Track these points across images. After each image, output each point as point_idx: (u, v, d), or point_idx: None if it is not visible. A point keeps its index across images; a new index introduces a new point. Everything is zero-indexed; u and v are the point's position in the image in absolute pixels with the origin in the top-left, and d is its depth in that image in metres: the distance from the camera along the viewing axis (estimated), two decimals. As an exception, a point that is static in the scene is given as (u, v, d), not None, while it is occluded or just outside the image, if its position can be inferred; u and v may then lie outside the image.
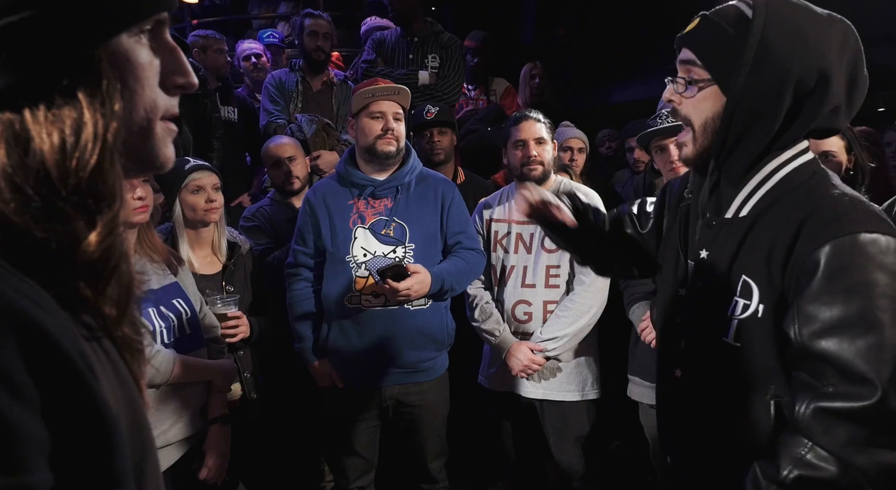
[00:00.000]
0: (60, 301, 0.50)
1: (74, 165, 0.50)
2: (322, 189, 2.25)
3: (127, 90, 0.55)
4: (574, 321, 2.25)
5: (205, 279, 2.10)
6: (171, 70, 0.60)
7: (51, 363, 0.44)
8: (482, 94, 4.20)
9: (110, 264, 0.53)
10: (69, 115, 0.50)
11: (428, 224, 2.20)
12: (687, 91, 1.11)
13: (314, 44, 3.43)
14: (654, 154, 2.32)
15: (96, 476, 0.47)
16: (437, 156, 2.86)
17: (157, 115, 0.59)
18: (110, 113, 0.52)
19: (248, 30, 5.63)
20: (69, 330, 0.48)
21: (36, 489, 0.43)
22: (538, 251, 2.33)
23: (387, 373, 2.15)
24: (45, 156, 0.49)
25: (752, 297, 1.07)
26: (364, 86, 2.21)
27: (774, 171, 1.09)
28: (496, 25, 4.74)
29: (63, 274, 0.51)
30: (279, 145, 2.74)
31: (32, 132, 0.49)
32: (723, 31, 1.06)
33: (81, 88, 0.51)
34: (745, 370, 1.09)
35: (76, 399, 0.46)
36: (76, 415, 0.46)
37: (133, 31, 0.55)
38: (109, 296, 0.54)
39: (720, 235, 1.14)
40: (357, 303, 2.12)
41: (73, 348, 0.46)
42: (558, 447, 2.35)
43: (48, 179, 0.49)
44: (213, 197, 2.07)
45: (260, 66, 4.04)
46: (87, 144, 0.50)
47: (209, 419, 1.84)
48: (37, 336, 0.44)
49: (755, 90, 1.03)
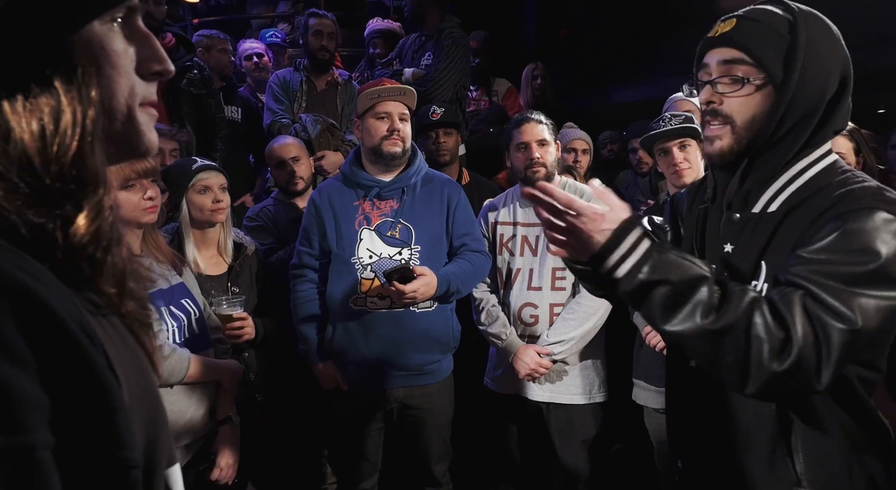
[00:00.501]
0: (61, 278, 0.51)
1: (55, 152, 0.51)
2: (327, 190, 2.24)
3: (103, 77, 0.56)
4: (581, 324, 2.24)
5: (210, 280, 2.09)
6: (146, 57, 0.60)
7: (46, 329, 0.46)
8: (484, 95, 4.20)
9: (101, 245, 0.55)
10: (47, 103, 0.51)
11: (434, 226, 2.19)
12: (734, 89, 1.10)
13: (319, 43, 3.42)
14: (658, 157, 2.31)
15: (97, 437, 0.49)
16: (442, 156, 2.86)
17: (135, 102, 0.59)
18: (87, 100, 0.53)
19: (248, 29, 5.61)
20: (67, 300, 0.49)
21: (36, 448, 0.44)
22: (544, 254, 2.32)
23: (392, 375, 2.14)
24: (26, 144, 0.50)
25: (759, 278, 1.09)
26: (370, 86, 2.20)
27: (804, 170, 1.11)
28: (498, 26, 4.74)
29: (61, 254, 0.52)
30: (283, 145, 2.72)
31: (12, 122, 0.50)
32: (771, 31, 1.07)
33: (57, 77, 0.52)
34: None
35: (73, 363, 0.47)
36: (73, 378, 0.47)
37: (105, 19, 0.55)
38: (106, 275, 0.56)
39: (746, 229, 1.14)
40: (362, 305, 2.11)
41: (70, 316, 0.48)
42: (564, 450, 2.34)
43: (31, 166, 0.50)
44: (219, 197, 2.06)
45: (262, 66, 4.02)
46: (66, 131, 0.52)
47: (219, 420, 1.84)
48: (32, 303, 0.46)
49: (804, 90, 1.06)
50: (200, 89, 3.11)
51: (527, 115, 2.39)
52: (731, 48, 1.10)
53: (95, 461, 0.49)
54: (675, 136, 2.22)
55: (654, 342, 2.14)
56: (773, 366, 0.93)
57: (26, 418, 0.44)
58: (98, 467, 0.49)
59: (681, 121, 2.23)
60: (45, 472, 0.45)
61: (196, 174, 2.04)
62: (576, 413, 2.32)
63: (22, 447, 0.43)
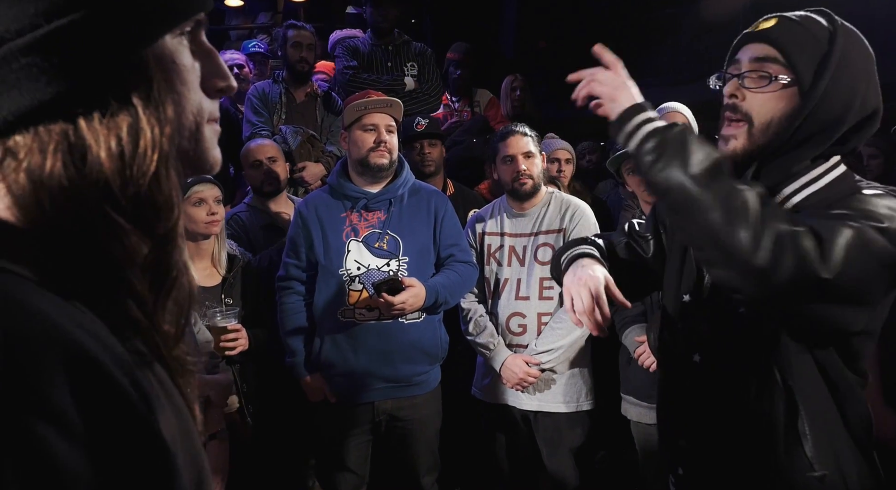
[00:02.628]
0: (113, 326, 0.46)
1: (135, 173, 0.48)
2: (314, 201, 2.23)
3: (175, 94, 0.53)
4: (568, 333, 2.26)
5: (204, 292, 2.08)
6: (211, 73, 0.57)
7: (103, 398, 0.41)
8: (466, 106, 4.22)
9: (171, 275, 0.51)
10: (125, 120, 0.47)
11: (421, 237, 2.20)
12: (761, 86, 1.09)
13: (298, 55, 3.42)
14: (627, 176, 2.35)
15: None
16: (427, 167, 2.87)
17: (204, 119, 0.57)
18: (164, 118, 0.50)
19: (226, 40, 5.58)
20: (124, 360, 0.45)
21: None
22: (531, 263, 2.34)
23: (380, 387, 2.14)
24: (104, 166, 0.46)
25: None
26: (356, 98, 2.21)
27: (816, 179, 1.11)
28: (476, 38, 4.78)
29: (119, 293, 0.48)
30: (260, 146, 2.73)
31: (89, 140, 0.46)
32: (810, 36, 1.07)
33: (135, 93, 0.48)
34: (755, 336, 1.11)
35: (132, 435, 0.42)
36: (131, 451, 0.42)
37: (175, 33, 0.53)
38: (169, 311, 0.51)
39: None
40: (351, 317, 2.11)
41: (128, 380, 0.43)
42: (551, 459, 2.35)
43: (108, 189, 0.46)
44: (214, 209, 2.07)
45: (242, 77, 4.00)
46: (146, 151, 0.48)
47: (207, 435, 1.82)
48: (89, 369, 0.41)
49: (831, 100, 1.06)
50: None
51: (512, 127, 2.42)
52: (767, 45, 1.10)
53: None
54: None
55: (647, 363, 2.16)
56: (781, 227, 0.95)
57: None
58: None
59: None
60: None
61: (191, 187, 2.04)
62: (563, 422, 2.33)
63: None
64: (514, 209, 2.42)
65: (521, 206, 2.41)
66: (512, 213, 2.42)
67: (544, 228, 2.36)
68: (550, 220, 2.36)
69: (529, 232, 2.38)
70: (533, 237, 2.36)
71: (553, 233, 2.34)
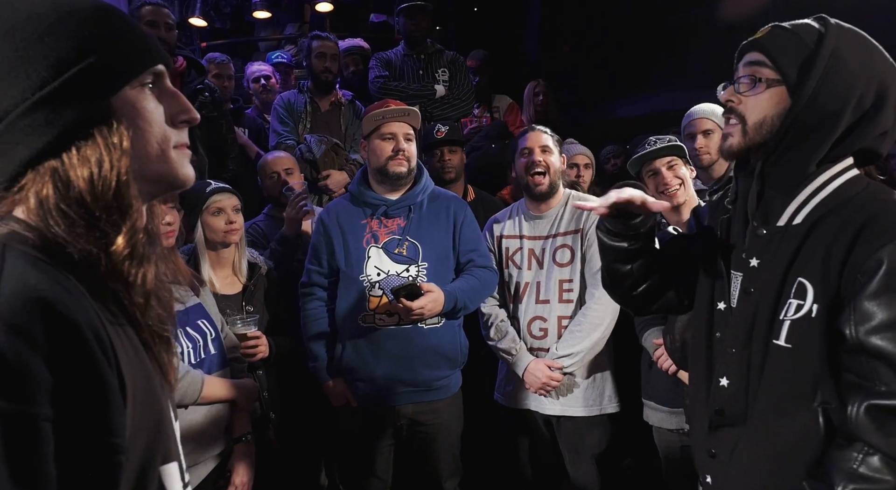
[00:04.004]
0: (93, 293, 0.66)
1: (101, 190, 0.68)
2: (335, 209, 2.28)
3: (138, 129, 0.72)
4: (588, 335, 2.25)
5: (225, 299, 2.12)
6: (175, 110, 0.77)
7: (64, 331, 0.59)
8: (486, 112, 4.25)
9: (135, 261, 0.70)
10: (93, 154, 0.67)
11: (441, 242, 2.22)
12: (752, 89, 1.15)
13: (322, 65, 3.49)
14: (647, 179, 2.33)
15: (91, 422, 0.60)
16: (447, 173, 2.90)
17: (169, 146, 0.75)
18: (121, 148, 0.69)
19: (255, 52, 5.71)
20: (90, 311, 0.63)
21: (38, 418, 0.56)
22: (550, 266, 2.34)
23: (401, 391, 2.17)
24: (81, 188, 0.67)
25: (806, 297, 1.08)
26: (375, 108, 2.25)
27: (827, 183, 1.12)
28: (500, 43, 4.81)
29: (100, 272, 0.67)
30: (276, 158, 2.80)
31: (70, 172, 0.67)
32: (797, 38, 1.12)
33: (98, 132, 0.68)
34: (795, 373, 1.09)
35: (79, 359, 0.60)
36: (78, 371, 0.59)
37: (135, 85, 0.72)
38: (137, 287, 0.71)
39: (773, 243, 1.15)
40: (371, 322, 2.14)
41: (87, 323, 0.61)
42: (574, 464, 2.34)
43: (85, 204, 0.67)
44: (233, 218, 2.10)
45: (269, 88, 4.09)
46: (107, 174, 0.68)
47: (234, 438, 1.87)
48: (56, 310, 0.59)
49: (822, 99, 1.08)
50: (212, 111, 3.17)
51: (533, 125, 2.46)
52: (757, 52, 1.16)
53: (86, 442, 0.60)
54: (662, 155, 2.25)
55: (665, 366, 2.14)
56: None
57: (33, 392, 0.56)
58: (87, 447, 0.60)
59: (665, 142, 2.27)
60: (42, 440, 0.56)
61: (210, 197, 2.09)
62: (585, 426, 2.32)
63: (26, 415, 0.55)
64: (531, 211, 2.43)
65: (539, 208, 2.41)
66: (529, 215, 2.43)
67: (562, 230, 2.36)
68: (568, 222, 2.36)
69: (547, 234, 2.38)
70: (551, 239, 2.37)
71: (570, 234, 2.34)
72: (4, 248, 0.62)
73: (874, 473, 0.96)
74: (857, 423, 0.98)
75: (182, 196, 2.11)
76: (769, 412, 1.12)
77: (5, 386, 0.54)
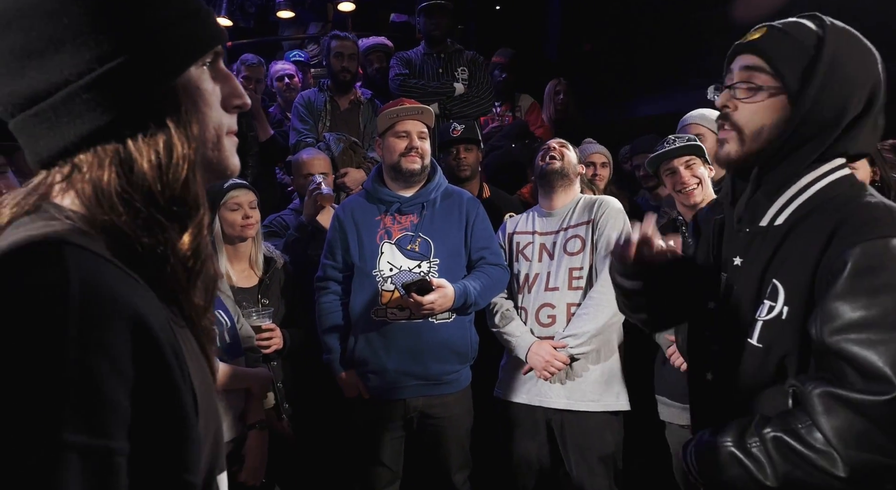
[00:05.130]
0: (160, 294, 0.60)
1: (170, 179, 0.62)
2: (351, 205, 2.33)
3: (199, 113, 0.67)
4: (595, 316, 2.21)
5: (242, 292, 2.18)
6: (229, 93, 0.71)
7: (150, 355, 0.53)
8: (508, 111, 4.26)
9: (200, 259, 0.65)
10: (161, 138, 0.61)
11: (452, 239, 2.26)
12: (749, 96, 1.12)
13: (340, 64, 3.55)
14: (665, 177, 2.33)
15: (169, 458, 0.55)
16: (462, 172, 2.93)
17: (223, 132, 0.70)
18: (191, 135, 0.64)
19: (279, 51, 5.79)
20: (166, 324, 0.57)
21: (116, 453, 0.50)
22: (560, 255, 2.34)
23: (411, 384, 2.21)
24: (147, 174, 0.60)
25: (777, 299, 1.09)
26: (389, 106, 2.30)
27: (812, 183, 1.11)
28: (521, 43, 4.81)
29: (164, 271, 0.61)
30: (313, 159, 2.83)
31: (135, 156, 0.60)
32: (796, 43, 1.08)
33: (168, 116, 0.62)
34: (767, 371, 1.10)
35: (162, 385, 0.54)
36: (159, 397, 0.54)
37: (198, 64, 0.66)
38: (199, 287, 0.66)
39: (755, 243, 1.16)
40: (383, 316, 2.19)
41: (168, 342, 0.56)
42: (580, 466, 2.28)
43: (151, 193, 0.61)
44: (249, 214, 2.16)
45: (292, 86, 4.16)
46: (178, 162, 0.62)
47: (248, 425, 1.92)
48: (143, 330, 0.53)
49: (821, 106, 1.06)
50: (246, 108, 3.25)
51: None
52: (754, 55, 1.12)
53: (162, 479, 0.54)
54: (681, 154, 2.25)
55: (678, 363, 2.14)
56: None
57: (113, 425, 0.49)
58: (163, 485, 0.54)
59: (684, 141, 2.27)
60: (118, 476, 0.50)
61: (227, 192, 2.15)
62: (593, 425, 2.26)
63: (104, 449, 0.49)
64: (544, 208, 2.45)
65: (552, 205, 2.42)
66: (543, 212, 2.45)
67: (573, 223, 2.37)
68: (579, 216, 2.37)
69: (558, 228, 2.39)
70: (562, 232, 2.37)
71: (582, 225, 2.34)
72: (71, 249, 0.52)
73: (809, 439, 0.98)
74: (809, 401, 0.99)
75: None
76: (747, 405, 1.15)
77: (84, 415, 0.47)
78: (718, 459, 1.07)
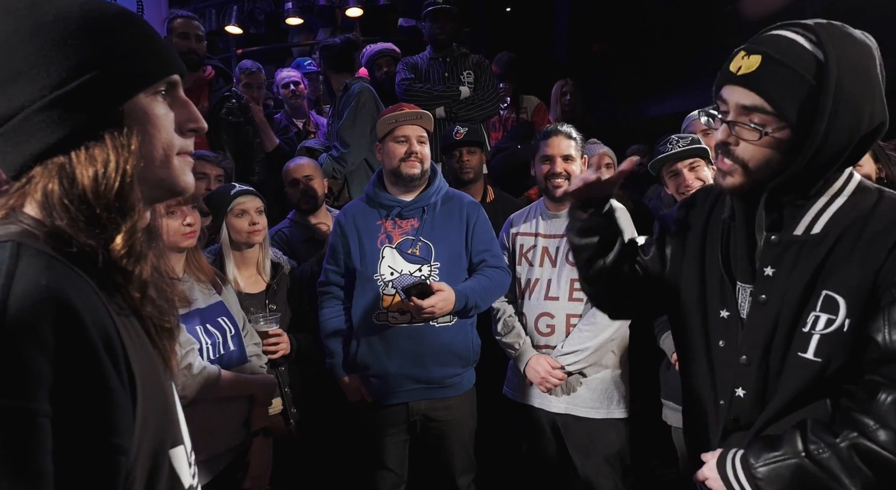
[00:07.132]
0: (99, 285, 0.69)
1: (104, 189, 0.71)
2: (352, 210, 2.34)
3: (146, 134, 0.75)
4: (596, 335, 2.23)
5: (249, 298, 2.20)
6: (185, 119, 0.80)
7: (72, 333, 0.61)
8: (513, 113, 4.27)
9: (132, 258, 0.73)
10: (101, 154, 0.71)
11: (453, 243, 2.26)
12: (752, 137, 1.08)
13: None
14: (668, 179, 2.31)
15: (93, 422, 0.62)
16: (466, 174, 2.93)
17: (173, 152, 0.78)
18: (128, 150, 0.72)
19: (288, 57, 5.85)
20: (98, 308, 0.66)
21: (37, 414, 0.57)
22: (562, 264, 2.33)
23: (413, 388, 2.21)
24: (85, 185, 0.70)
25: (837, 312, 1.06)
26: (388, 112, 2.31)
27: (840, 191, 1.11)
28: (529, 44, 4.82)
29: (102, 267, 0.71)
30: (297, 165, 2.88)
31: (76, 170, 0.70)
32: (797, 77, 1.03)
33: (108, 134, 0.71)
34: (822, 384, 1.09)
35: (84, 361, 0.62)
36: (81, 371, 0.61)
37: (149, 92, 0.75)
38: (134, 282, 0.74)
39: (790, 252, 1.13)
40: (384, 320, 2.20)
41: (95, 322, 0.64)
42: (585, 466, 2.30)
43: (87, 201, 0.70)
44: (256, 220, 2.19)
45: (298, 93, 4.21)
46: (111, 174, 0.71)
47: (252, 431, 1.93)
48: (66, 311, 0.61)
49: (833, 135, 1.03)
50: (238, 117, 3.30)
51: (557, 126, 2.41)
52: (751, 92, 1.06)
53: (86, 441, 0.61)
54: (684, 157, 2.23)
55: None
56: None
57: (34, 389, 0.57)
58: (88, 446, 0.62)
59: (688, 142, 2.24)
60: (40, 436, 0.57)
61: (234, 199, 2.18)
62: (594, 427, 2.28)
63: (24, 410, 0.56)
64: (549, 210, 2.43)
65: (557, 208, 2.40)
66: (547, 214, 2.43)
67: None
68: None
69: (562, 233, 2.38)
70: (566, 238, 2.36)
71: None
72: (20, 248, 0.64)
73: (888, 439, 0.99)
74: (885, 409, 1.00)
75: (208, 198, 2.20)
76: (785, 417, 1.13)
77: (6, 382, 0.56)
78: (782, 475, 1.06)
